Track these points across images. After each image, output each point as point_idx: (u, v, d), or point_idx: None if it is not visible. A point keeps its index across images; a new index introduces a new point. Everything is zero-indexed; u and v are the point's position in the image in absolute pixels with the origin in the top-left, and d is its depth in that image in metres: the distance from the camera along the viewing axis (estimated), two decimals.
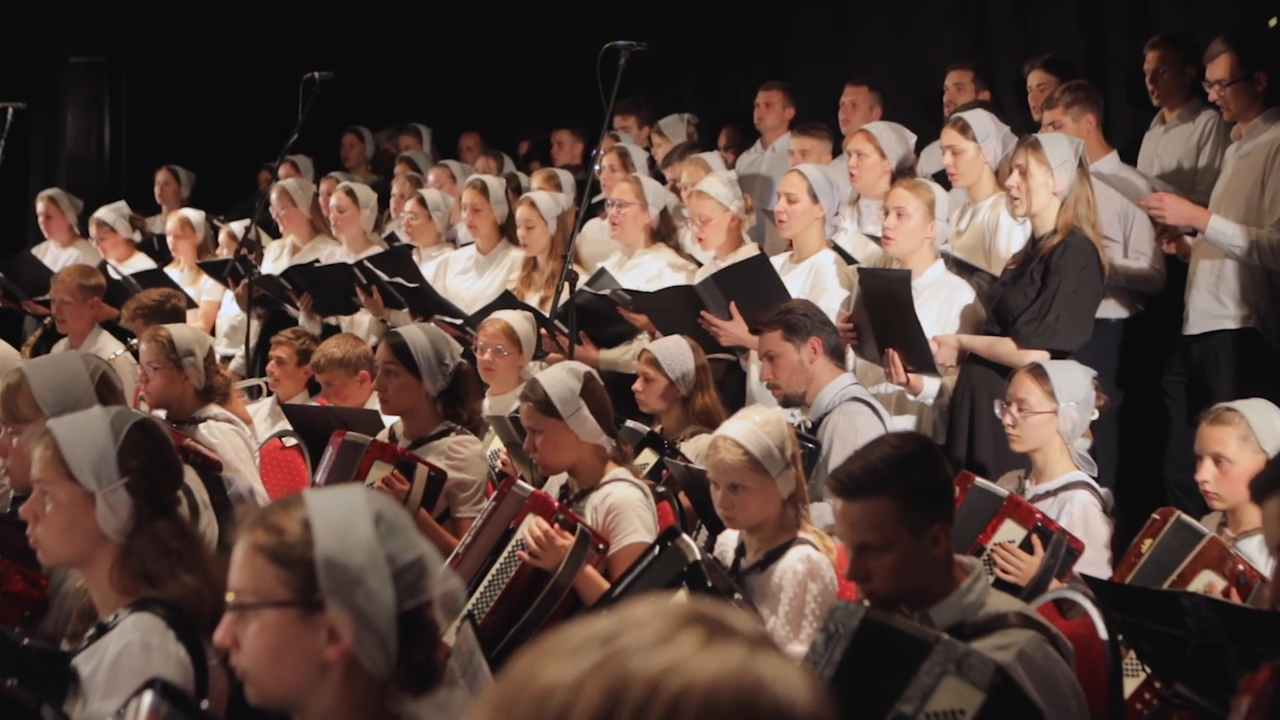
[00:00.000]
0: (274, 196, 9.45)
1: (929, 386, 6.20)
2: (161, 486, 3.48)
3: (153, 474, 3.45)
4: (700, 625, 1.59)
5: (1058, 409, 5.29)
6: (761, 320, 6.00)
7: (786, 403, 5.96)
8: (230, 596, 2.65)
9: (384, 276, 7.85)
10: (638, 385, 6.23)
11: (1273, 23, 7.58)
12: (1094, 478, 5.40)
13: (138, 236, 10.56)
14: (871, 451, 3.68)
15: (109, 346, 8.39)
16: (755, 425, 4.54)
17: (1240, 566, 4.51)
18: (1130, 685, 4.31)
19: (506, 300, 7.40)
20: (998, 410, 5.44)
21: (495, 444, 6.40)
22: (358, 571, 2.56)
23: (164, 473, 3.50)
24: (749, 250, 7.17)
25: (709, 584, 4.29)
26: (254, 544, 2.62)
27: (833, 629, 3.32)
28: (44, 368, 4.47)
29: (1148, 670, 4.30)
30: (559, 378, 5.21)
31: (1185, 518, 4.71)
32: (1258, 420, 4.82)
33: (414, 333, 5.88)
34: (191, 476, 4.67)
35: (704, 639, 1.58)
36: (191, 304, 9.08)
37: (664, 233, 7.64)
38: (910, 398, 6.26)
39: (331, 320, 8.79)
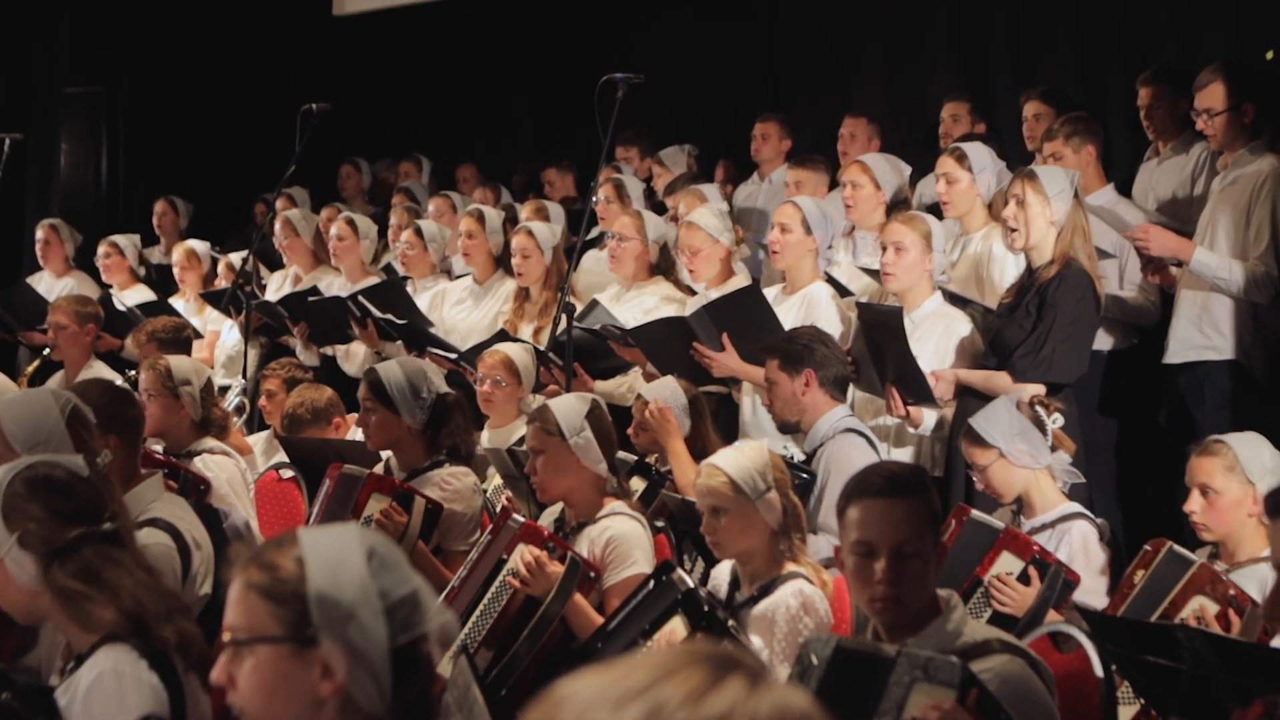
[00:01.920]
0: (278, 227, 9.49)
1: (928, 419, 6.21)
2: (54, 530, 3.43)
3: (40, 520, 3.43)
4: (740, 670, 1.68)
5: (1001, 451, 5.29)
6: (766, 345, 6.04)
7: (784, 429, 5.99)
8: (226, 635, 2.66)
9: (376, 312, 7.86)
10: (631, 430, 6.24)
11: (1270, 55, 7.61)
12: (1086, 496, 5.42)
13: (142, 271, 10.61)
14: (889, 464, 3.94)
15: (103, 376, 8.40)
16: (737, 451, 4.64)
17: (1231, 591, 4.53)
18: (1126, 715, 4.32)
19: (502, 336, 7.41)
20: (975, 480, 5.45)
21: (496, 480, 6.39)
22: (350, 606, 2.57)
23: (52, 516, 3.45)
24: (740, 281, 7.19)
25: (705, 608, 4.32)
26: (248, 582, 2.63)
27: (807, 662, 3.38)
28: (14, 405, 4.47)
29: (1143, 701, 4.30)
30: (568, 402, 5.27)
31: (1177, 548, 4.72)
32: (1245, 452, 4.82)
33: (390, 368, 5.87)
34: (185, 515, 4.67)
35: (749, 683, 1.67)
36: (197, 334, 9.11)
37: (664, 267, 7.64)
38: (910, 430, 6.26)
39: (328, 350, 8.79)
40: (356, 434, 7.02)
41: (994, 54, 9.48)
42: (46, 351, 9.11)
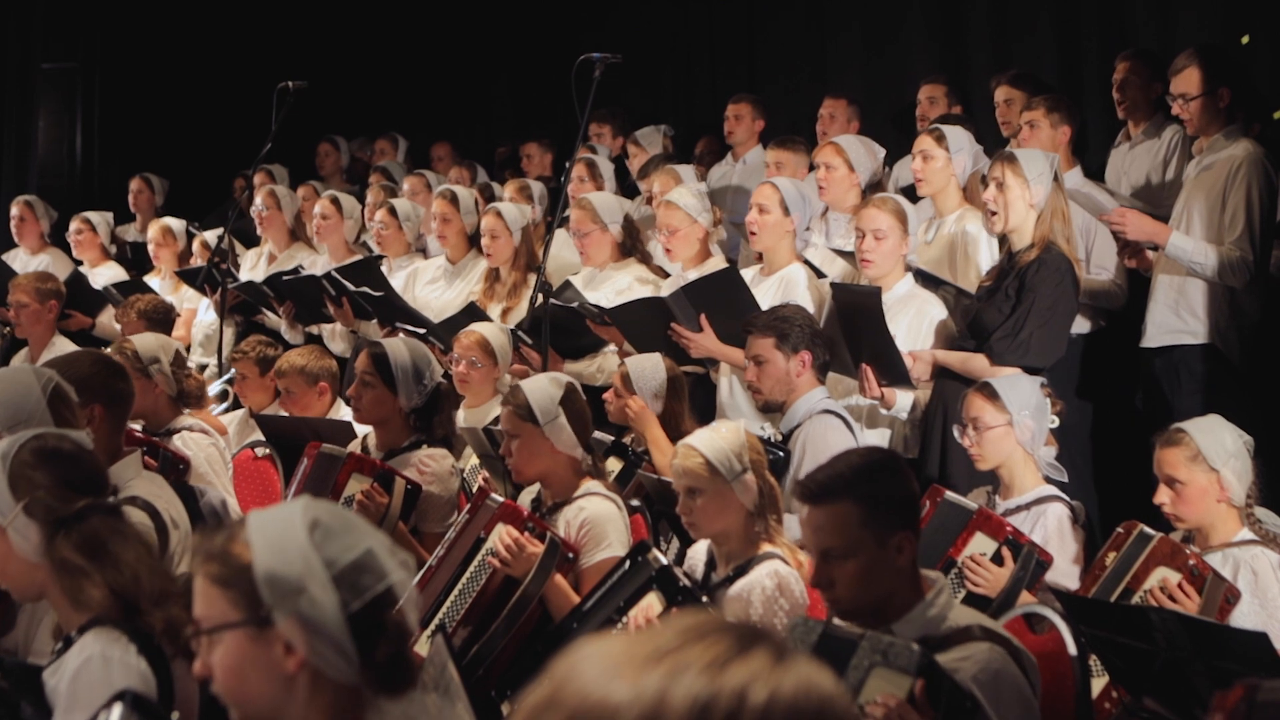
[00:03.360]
0: (260, 198, 9.46)
1: (902, 400, 6.22)
2: (60, 499, 3.44)
3: (48, 489, 3.43)
4: (767, 643, 1.68)
5: (1011, 419, 5.32)
6: (756, 322, 6.01)
7: (766, 408, 5.98)
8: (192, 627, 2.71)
9: (350, 287, 7.86)
10: (609, 395, 6.26)
11: (1245, 39, 7.63)
12: (1063, 484, 5.45)
13: (114, 249, 10.58)
14: (838, 461, 3.77)
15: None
16: (713, 433, 4.64)
17: (1191, 560, 4.56)
18: (1098, 685, 4.35)
19: (471, 312, 7.41)
20: (957, 434, 5.48)
21: (472, 460, 6.40)
22: (297, 581, 2.59)
23: (59, 486, 3.46)
24: (717, 262, 7.19)
25: (680, 584, 4.34)
26: (204, 573, 2.68)
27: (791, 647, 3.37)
28: None
29: (1115, 681, 4.33)
30: (541, 385, 5.25)
31: (1147, 530, 4.75)
32: (1204, 439, 4.82)
33: (396, 346, 5.88)
34: (163, 493, 4.66)
35: (775, 656, 1.66)
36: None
37: (628, 245, 7.64)
38: (883, 412, 6.27)
39: (314, 330, 8.78)
40: (338, 405, 7.04)
41: (972, 36, 9.49)
42: (6, 330, 9.07)
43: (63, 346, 8.59)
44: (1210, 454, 4.80)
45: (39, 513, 3.42)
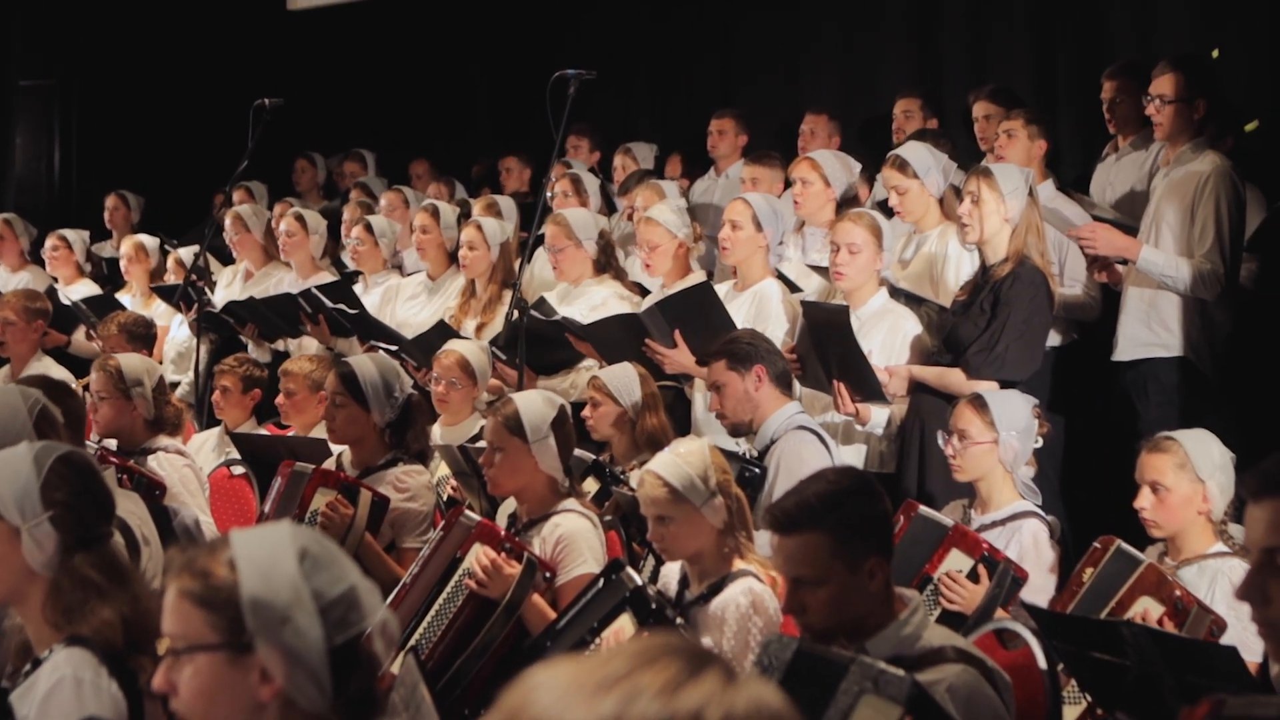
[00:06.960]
0: (228, 222, 9.43)
1: (877, 416, 6.21)
2: (87, 519, 3.42)
3: (77, 507, 3.41)
4: (716, 665, 1.71)
5: (998, 439, 5.31)
6: (708, 351, 6.01)
7: (735, 431, 5.96)
8: (163, 643, 2.66)
9: (328, 304, 7.85)
10: (587, 411, 6.25)
11: (1215, 54, 7.66)
12: (1039, 506, 5.44)
13: (88, 267, 10.57)
14: (807, 487, 3.71)
15: (51, 373, 8.36)
16: (677, 456, 4.55)
17: (1177, 592, 4.56)
18: (1072, 713, 4.34)
19: (441, 328, 7.41)
20: (941, 441, 5.47)
21: (442, 470, 6.38)
22: (284, 609, 2.57)
23: (89, 505, 3.44)
24: (695, 278, 7.19)
25: (653, 606, 4.32)
26: (181, 589, 2.63)
27: (767, 663, 3.36)
28: None
29: (1089, 698, 4.33)
30: (534, 402, 5.23)
31: (1125, 546, 4.74)
32: (1195, 449, 4.85)
33: (363, 363, 5.87)
34: (137, 510, 4.65)
35: (725, 678, 1.70)
36: None
37: (603, 262, 7.63)
38: (858, 428, 6.27)
39: (279, 345, 8.76)
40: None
41: (947, 51, 9.51)
42: None
43: (46, 366, 8.57)
44: (1199, 464, 4.83)
45: (65, 525, 3.38)
